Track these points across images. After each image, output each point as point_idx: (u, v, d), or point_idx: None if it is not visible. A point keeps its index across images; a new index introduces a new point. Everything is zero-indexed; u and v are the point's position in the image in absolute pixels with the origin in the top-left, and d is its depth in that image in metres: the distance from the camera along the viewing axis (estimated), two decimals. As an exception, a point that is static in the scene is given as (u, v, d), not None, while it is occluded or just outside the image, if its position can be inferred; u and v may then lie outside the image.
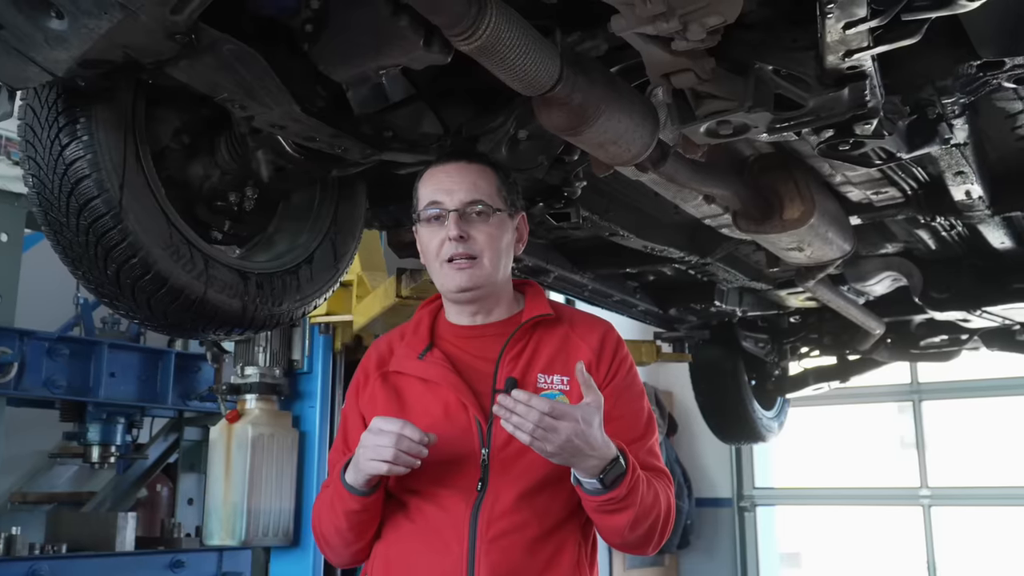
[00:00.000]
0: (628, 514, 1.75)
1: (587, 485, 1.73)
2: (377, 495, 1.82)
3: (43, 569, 4.48)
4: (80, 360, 5.08)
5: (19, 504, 5.99)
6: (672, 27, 1.63)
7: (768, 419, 6.03)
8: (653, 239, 3.35)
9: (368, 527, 1.87)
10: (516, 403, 1.65)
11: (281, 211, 2.53)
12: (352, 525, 1.85)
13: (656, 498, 1.80)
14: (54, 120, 1.93)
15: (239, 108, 1.92)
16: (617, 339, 1.97)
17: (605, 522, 1.79)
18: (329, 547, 1.95)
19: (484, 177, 1.91)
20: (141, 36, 1.60)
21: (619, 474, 1.72)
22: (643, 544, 1.83)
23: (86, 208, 1.93)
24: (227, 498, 4.13)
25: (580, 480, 1.74)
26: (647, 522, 1.79)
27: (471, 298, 1.92)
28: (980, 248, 3.68)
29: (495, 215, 1.89)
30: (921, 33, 1.70)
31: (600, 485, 1.71)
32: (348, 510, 1.83)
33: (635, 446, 1.86)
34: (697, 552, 9.40)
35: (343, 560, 1.97)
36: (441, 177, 1.91)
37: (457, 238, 1.85)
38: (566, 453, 1.66)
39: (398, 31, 1.72)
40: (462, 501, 1.78)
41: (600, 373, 1.89)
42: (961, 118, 2.26)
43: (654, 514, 1.80)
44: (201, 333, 2.27)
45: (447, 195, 1.88)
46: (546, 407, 1.64)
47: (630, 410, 1.91)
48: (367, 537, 1.88)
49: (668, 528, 1.86)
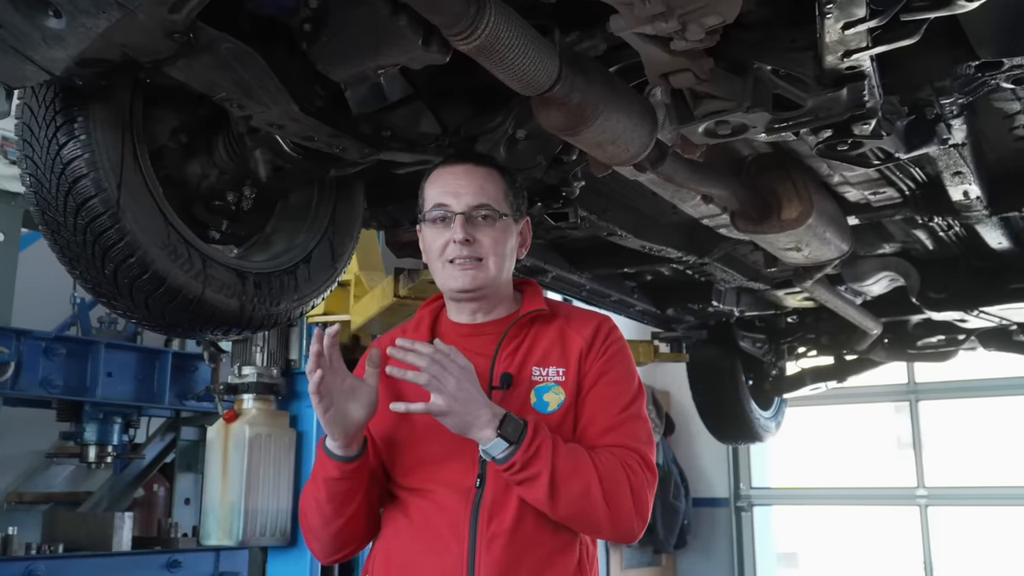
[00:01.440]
0: (540, 482, 1.71)
1: (491, 449, 1.72)
2: (358, 465, 1.81)
3: (40, 569, 4.48)
4: (77, 360, 5.08)
5: (15, 504, 5.99)
6: (671, 27, 1.63)
7: (765, 419, 6.03)
8: (651, 239, 3.35)
9: (347, 501, 1.83)
10: (406, 351, 1.72)
11: (279, 211, 2.52)
12: (331, 495, 1.82)
13: (581, 466, 1.74)
14: (52, 119, 1.93)
15: (237, 107, 1.92)
16: (611, 329, 1.95)
17: (526, 496, 1.74)
18: (310, 530, 1.91)
19: (491, 181, 1.92)
20: (139, 35, 1.59)
21: (518, 434, 1.71)
22: (586, 519, 1.76)
23: (84, 207, 1.92)
24: (224, 498, 4.12)
25: (483, 448, 1.74)
26: (571, 491, 1.72)
27: (472, 298, 1.92)
28: (978, 248, 3.68)
29: (501, 220, 1.90)
30: (920, 33, 1.70)
31: (506, 444, 1.70)
32: (327, 477, 1.81)
33: (609, 430, 1.83)
34: (694, 552, 9.41)
35: (324, 545, 1.91)
36: (449, 179, 1.91)
37: (463, 241, 1.85)
38: (459, 404, 1.69)
39: (397, 31, 1.71)
40: (460, 499, 1.78)
41: (588, 361, 1.88)
42: (959, 118, 2.26)
43: (578, 483, 1.72)
44: (199, 333, 2.27)
45: (454, 198, 1.88)
46: (433, 351, 1.72)
47: (607, 393, 1.87)
48: (346, 514, 1.83)
49: (623, 503, 1.76)
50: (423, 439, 1.86)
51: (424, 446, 1.86)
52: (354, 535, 1.90)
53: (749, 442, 6.27)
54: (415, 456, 1.87)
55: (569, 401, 1.85)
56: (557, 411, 1.84)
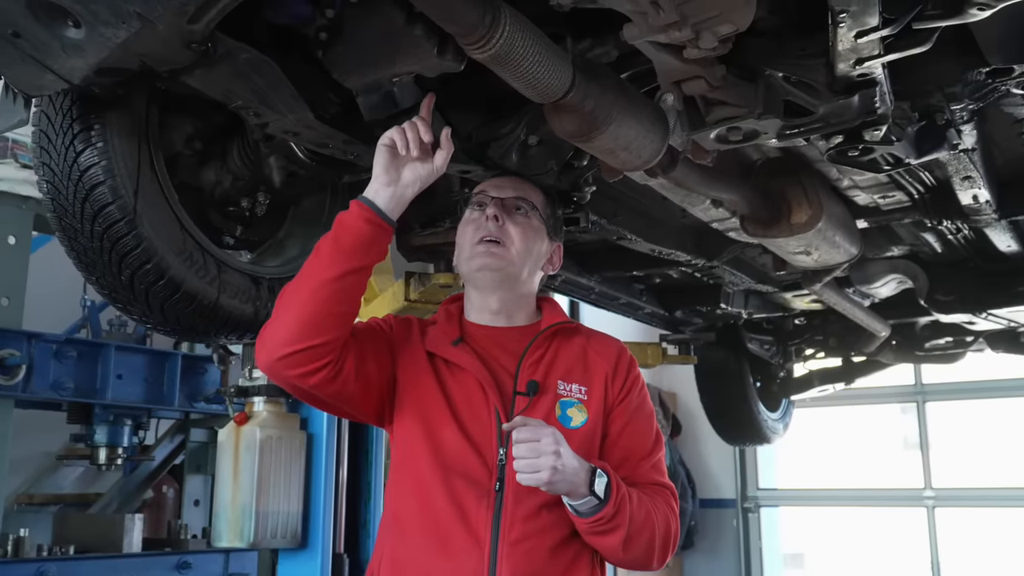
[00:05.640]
0: (619, 534, 1.77)
1: (580, 505, 1.75)
2: (387, 234, 1.81)
3: (51, 570, 4.49)
4: (87, 362, 5.08)
5: (25, 505, 6.00)
6: (684, 36, 1.64)
7: (773, 420, 6.03)
8: (660, 242, 3.36)
9: (350, 294, 1.78)
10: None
11: (291, 216, 2.54)
12: (337, 276, 1.74)
13: (649, 515, 1.82)
14: (69, 127, 1.95)
15: (253, 115, 1.93)
16: (631, 358, 2.02)
17: (598, 543, 1.80)
18: (275, 318, 1.79)
19: (534, 191, 2.04)
20: (158, 45, 1.61)
21: (604, 489, 1.74)
22: (643, 562, 1.84)
23: (100, 214, 1.95)
24: (235, 500, 4.13)
25: (570, 503, 1.76)
26: (641, 540, 1.80)
27: (490, 281, 1.95)
28: (986, 251, 3.68)
29: (535, 219, 1.98)
30: (931, 41, 1.71)
31: (596, 501, 1.73)
32: (344, 246, 1.75)
33: (643, 463, 1.91)
34: (701, 553, 9.41)
35: (273, 341, 1.76)
36: (494, 180, 2.06)
37: (493, 218, 1.93)
38: (565, 474, 1.69)
39: (412, 40, 1.73)
40: (479, 503, 1.78)
41: (614, 388, 1.94)
42: (969, 124, 2.27)
43: (648, 531, 1.81)
44: (213, 337, 2.29)
45: (496, 189, 2.00)
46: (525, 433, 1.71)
47: (640, 429, 1.95)
48: (333, 309, 1.76)
49: (669, 544, 1.87)
50: (445, 427, 1.86)
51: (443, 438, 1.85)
52: (326, 335, 1.76)
53: (757, 444, 6.27)
54: (432, 445, 1.85)
55: (592, 423, 1.89)
56: (579, 428, 1.87)
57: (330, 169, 2.27)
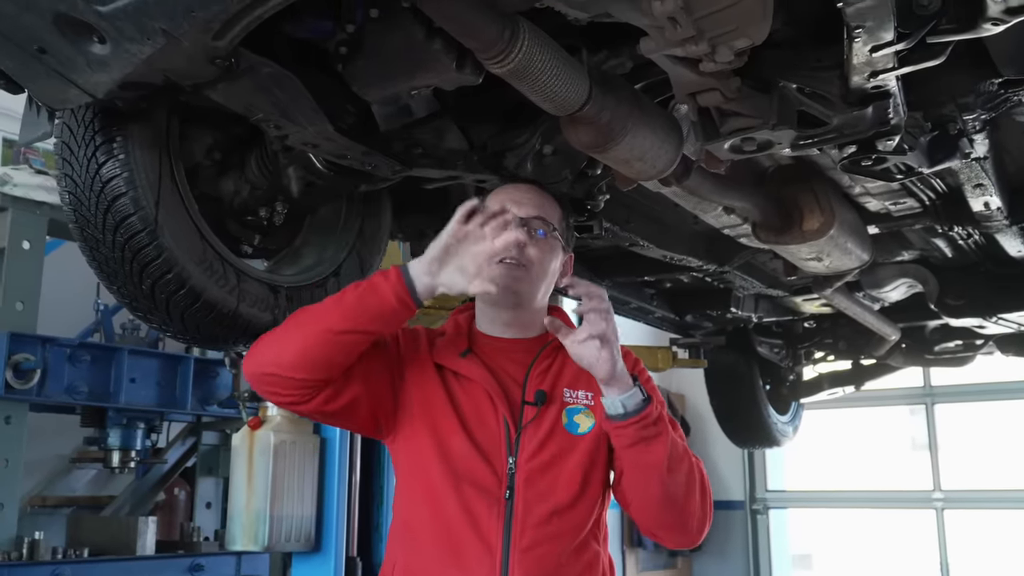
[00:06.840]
0: (663, 442, 1.78)
1: (627, 399, 1.78)
2: (407, 312, 1.82)
3: (66, 573, 4.54)
4: (100, 366, 5.12)
5: (39, 508, 6.04)
6: (701, 50, 1.66)
7: (783, 423, 6.04)
8: (672, 249, 3.37)
9: (353, 347, 1.82)
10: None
11: (308, 225, 2.56)
12: (348, 328, 1.80)
13: (686, 450, 1.85)
14: (91, 139, 1.96)
15: (274, 128, 1.95)
16: (635, 360, 2.01)
17: (643, 458, 1.79)
18: (277, 336, 1.87)
19: (551, 204, 2.02)
20: (182, 61, 1.62)
21: (645, 396, 1.80)
22: (683, 505, 1.84)
23: (122, 225, 1.96)
24: (249, 504, 4.17)
25: (614, 405, 1.79)
26: (682, 469, 1.82)
27: (506, 302, 1.96)
28: (996, 256, 3.69)
29: (552, 238, 1.97)
30: (945, 55, 1.73)
31: (643, 396, 1.78)
32: (364, 308, 1.80)
33: None
34: (709, 555, 9.42)
35: (265, 356, 1.86)
36: (513, 192, 2.02)
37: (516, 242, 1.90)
38: (610, 344, 1.77)
39: (432, 54, 1.75)
40: (490, 511, 1.80)
41: None
42: (981, 133, 2.28)
43: (687, 462, 1.83)
44: (232, 345, 2.30)
45: (516, 205, 1.95)
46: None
47: None
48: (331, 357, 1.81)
49: (708, 496, 1.89)
50: (454, 437, 1.87)
51: (453, 447, 1.86)
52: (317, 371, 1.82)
53: (766, 446, 6.27)
54: (442, 454, 1.86)
55: (599, 428, 1.89)
56: (587, 434, 1.89)
57: (347, 179, 2.29)
